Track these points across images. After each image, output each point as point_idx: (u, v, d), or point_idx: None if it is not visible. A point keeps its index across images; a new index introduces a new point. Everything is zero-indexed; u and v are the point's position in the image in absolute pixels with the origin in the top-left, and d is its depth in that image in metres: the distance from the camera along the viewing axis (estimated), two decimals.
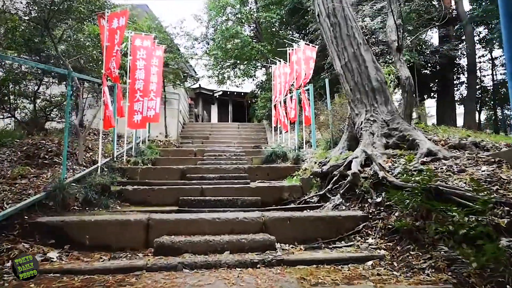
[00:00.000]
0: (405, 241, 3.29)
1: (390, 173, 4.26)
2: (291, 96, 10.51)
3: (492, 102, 19.06)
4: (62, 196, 4.39)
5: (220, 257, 3.25)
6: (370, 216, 3.99)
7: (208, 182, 6.27)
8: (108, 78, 7.33)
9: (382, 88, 5.43)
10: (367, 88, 5.45)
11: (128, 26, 9.70)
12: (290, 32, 16.29)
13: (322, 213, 4.18)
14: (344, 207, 4.50)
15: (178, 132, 13.67)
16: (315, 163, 6.49)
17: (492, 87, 18.60)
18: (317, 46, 9.44)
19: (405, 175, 3.93)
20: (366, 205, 4.23)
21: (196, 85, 19.96)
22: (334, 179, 5.12)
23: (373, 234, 3.73)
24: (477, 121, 16.96)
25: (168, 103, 13.35)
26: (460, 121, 17.09)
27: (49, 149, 6.07)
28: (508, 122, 20.49)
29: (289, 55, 10.64)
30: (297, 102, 9.40)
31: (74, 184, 5.07)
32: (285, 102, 11.22)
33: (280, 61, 11.95)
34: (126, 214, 4.22)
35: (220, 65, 18.27)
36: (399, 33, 5.79)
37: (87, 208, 4.65)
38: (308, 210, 4.95)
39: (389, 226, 3.61)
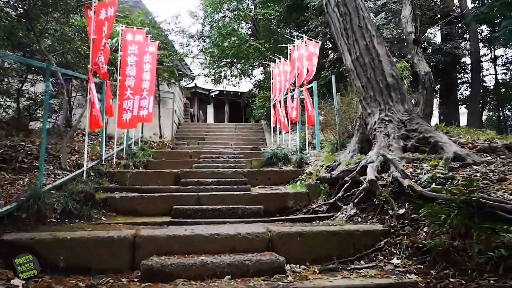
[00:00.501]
0: (441, 264, 2.76)
1: (414, 180, 3.73)
2: (292, 95, 9.97)
3: (494, 102, 18.67)
4: (37, 206, 3.82)
5: (220, 284, 2.70)
6: (392, 231, 3.46)
7: (205, 188, 5.71)
8: (96, 74, 6.76)
9: (398, 84, 4.91)
10: (381, 84, 4.93)
11: (119, 20, 9.13)
12: (289, 30, 15.75)
13: (336, 227, 3.64)
14: (359, 219, 3.97)
15: (173, 133, 13.09)
16: (322, 167, 5.95)
17: (494, 87, 18.21)
18: (319, 42, 8.92)
19: (433, 183, 3.41)
20: (386, 217, 3.69)
21: (192, 84, 19.39)
22: (345, 186, 4.59)
23: (398, 253, 3.19)
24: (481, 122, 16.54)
25: (162, 103, 12.77)
26: (463, 121, 16.67)
27: (28, 152, 5.48)
28: (510, 123, 20.12)
29: (290, 52, 10.11)
30: (299, 101, 8.87)
31: (54, 192, 4.50)
32: (285, 101, 10.69)
33: (280, 58, 11.41)
34: (109, 229, 3.65)
35: (216, 64, 17.70)
36: (416, 23, 5.28)
37: (66, 220, 4.07)
38: (318, 222, 4.41)
39: (418, 244, 3.08)
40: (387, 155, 4.13)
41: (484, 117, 19.97)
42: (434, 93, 17.74)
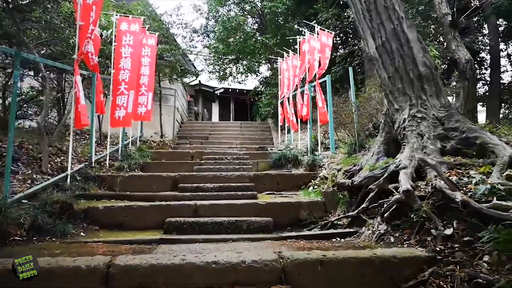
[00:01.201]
0: None
1: (462, 191, 2.97)
2: (302, 91, 9.22)
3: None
4: None
5: None
6: (438, 257, 2.71)
7: (205, 195, 4.99)
8: (84, 66, 6.07)
9: (432, 75, 4.13)
10: (412, 75, 4.15)
11: (116, 10, 8.47)
12: (297, 23, 14.98)
13: (366, 250, 2.89)
14: (392, 239, 3.22)
15: (174, 132, 12.42)
16: (338, 171, 5.20)
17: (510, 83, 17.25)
18: (333, 33, 8.15)
19: (493, 197, 2.66)
20: (428, 238, 2.93)
21: (196, 82, 18.70)
22: (370, 196, 3.84)
23: None
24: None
25: (163, 100, 12.09)
26: (481, 118, 15.74)
27: (3, 153, 4.80)
28: None
29: (300, 44, 9.36)
30: (309, 98, 8.12)
31: (25, 202, 3.82)
32: (294, 98, 9.96)
33: (288, 52, 10.68)
34: (82, 252, 2.94)
35: (221, 60, 16.98)
36: (453, 4, 4.51)
37: (35, 238, 3.37)
38: (338, 239, 3.67)
39: (478, 280, 2.32)
40: (427, 159, 3.36)
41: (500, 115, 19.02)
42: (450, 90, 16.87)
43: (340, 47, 14.17)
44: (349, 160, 5.16)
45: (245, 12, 16.57)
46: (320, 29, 8.05)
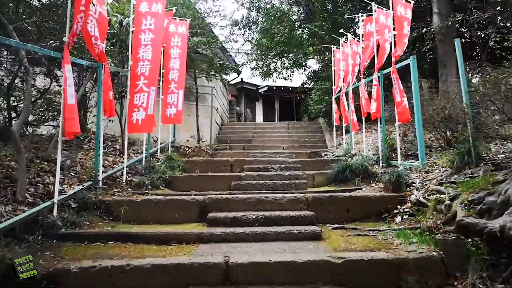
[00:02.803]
0: None
1: None
2: (368, 82, 7.32)
3: None
4: None
5: None
6: None
7: (243, 235, 3.35)
8: (87, 55, 4.69)
9: None
10: None
11: None
12: (352, 8, 12.93)
13: None
14: None
15: (213, 135, 10.96)
16: (453, 199, 3.31)
17: None
18: (411, 2, 6.14)
19: None
20: None
21: (238, 79, 17.22)
22: None
23: None
24: None
25: (200, 99, 10.67)
26: None
27: None
28: None
29: (364, 24, 7.45)
30: (380, 89, 6.20)
31: None
32: (354, 91, 8.07)
33: (347, 35, 8.78)
34: None
35: (265, 54, 15.31)
36: None
37: None
38: None
39: None
40: None
41: None
42: None
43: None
44: (474, 183, 3.22)
45: (290, 0, 14.83)
46: None
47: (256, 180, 5.69)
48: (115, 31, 6.38)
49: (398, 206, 4.12)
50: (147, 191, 5.16)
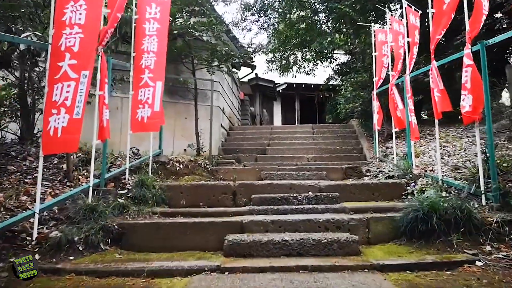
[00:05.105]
0: None
1: None
2: (444, 64, 4.81)
3: None
4: None
5: None
6: None
7: None
8: None
9: None
10: None
11: None
12: None
13: None
14: None
15: (217, 143, 8.61)
16: None
17: None
18: None
19: None
20: None
21: (252, 75, 14.81)
22: None
23: None
24: None
25: (201, 98, 8.36)
26: None
27: None
28: None
29: None
30: (482, 72, 3.64)
31: None
32: (410, 83, 5.55)
33: (393, 12, 6.25)
34: None
35: (283, 43, 12.83)
36: None
37: None
38: None
39: None
40: None
41: None
42: None
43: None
44: None
45: None
46: None
47: (269, 229, 3.31)
48: None
49: None
50: (72, 257, 2.85)
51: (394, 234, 3.29)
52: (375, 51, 7.47)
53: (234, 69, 10.68)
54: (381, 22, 9.67)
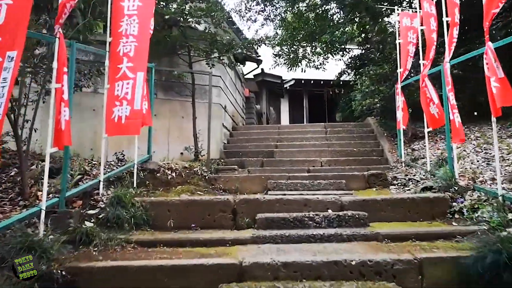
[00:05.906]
0: None
1: None
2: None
3: None
4: None
5: None
6: None
7: None
8: None
9: None
10: None
11: None
12: None
13: None
14: None
15: (218, 146, 7.63)
16: None
17: None
18: None
19: None
20: None
21: (258, 70, 13.81)
22: None
23: None
24: None
25: (199, 94, 7.38)
26: None
27: None
28: None
29: None
30: None
31: None
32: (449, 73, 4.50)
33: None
34: None
35: (291, 35, 11.79)
36: None
37: None
38: None
39: None
40: None
41: None
42: None
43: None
44: None
45: None
46: None
47: (280, 276, 2.32)
48: None
49: None
50: None
51: (456, 282, 2.29)
52: (399, 38, 6.44)
53: (238, 64, 9.69)
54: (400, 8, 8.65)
